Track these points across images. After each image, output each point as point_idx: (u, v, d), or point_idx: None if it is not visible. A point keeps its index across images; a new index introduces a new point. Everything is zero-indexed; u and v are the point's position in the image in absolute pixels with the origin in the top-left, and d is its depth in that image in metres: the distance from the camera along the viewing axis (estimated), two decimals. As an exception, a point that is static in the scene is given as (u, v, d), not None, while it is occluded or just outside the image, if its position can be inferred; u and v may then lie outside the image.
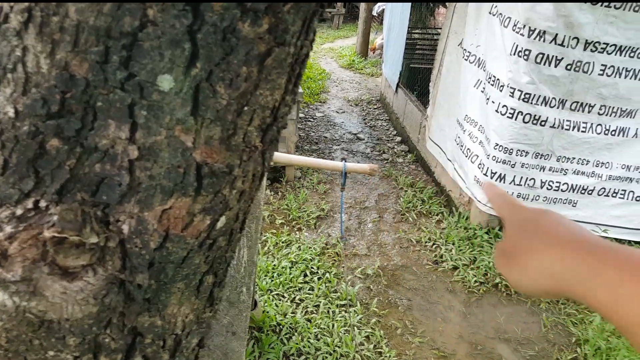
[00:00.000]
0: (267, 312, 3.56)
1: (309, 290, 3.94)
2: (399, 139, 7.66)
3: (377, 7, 14.37)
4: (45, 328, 0.76)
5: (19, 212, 0.69)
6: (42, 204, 0.69)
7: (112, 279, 0.74)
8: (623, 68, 3.93)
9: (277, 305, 3.69)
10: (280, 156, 2.53)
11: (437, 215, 5.25)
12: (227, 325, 2.29)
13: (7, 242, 0.69)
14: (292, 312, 3.67)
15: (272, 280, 3.96)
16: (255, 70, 0.67)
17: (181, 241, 0.76)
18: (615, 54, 3.87)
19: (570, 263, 0.55)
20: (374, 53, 13.62)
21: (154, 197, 0.70)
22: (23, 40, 0.62)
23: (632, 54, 3.87)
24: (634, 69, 3.93)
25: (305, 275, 4.10)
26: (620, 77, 3.97)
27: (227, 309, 2.30)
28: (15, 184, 0.68)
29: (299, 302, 3.81)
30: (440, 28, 7.12)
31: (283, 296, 3.84)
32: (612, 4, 3.66)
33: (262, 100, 0.71)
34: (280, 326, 3.50)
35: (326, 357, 3.30)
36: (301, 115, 8.38)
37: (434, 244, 4.72)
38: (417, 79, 7.97)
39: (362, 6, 13.32)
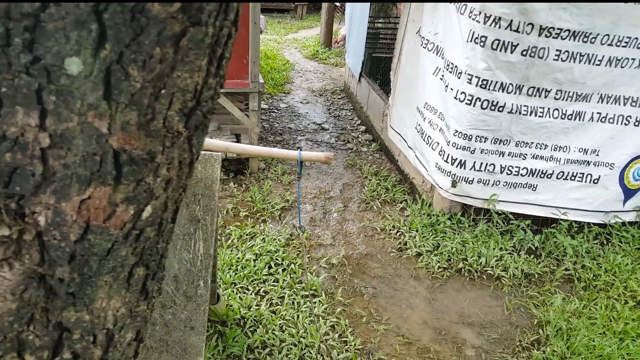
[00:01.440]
0: (231, 305, 3.53)
1: (273, 282, 3.91)
2: (363, 128, 7.68)
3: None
4: (-37, 328, 0.73)
5: None
6: (-50, 197, 0.66)
7: (30, 273, 0.71)
8: (577, 53, 4.00)
9: (241, 299, 3.66)
10: (233, 146, 2.50)
11: (400, 202, 5.28)
12: (185, 320, 2.25)
13: None
14: (257, 305, 3.65)
15: (235, 274, 3.92)
16: (171, 51, 0.64)
17: (104, 232, 0.73)
18: (569, 39, 3.93)
19: None
20: (337, 44, 13.61)
21: (71, 186, 0.67)
22: None
23: (585, 39, 3.94)
24: (588, 54, 4.01)
25: (270, 267, 4.08)
26: (574, 62, 4.04)
27: (185, 303, 2.26)
28: None
29: (263, 294, 3.79)
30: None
31: (247, 289, 3.81)
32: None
33: (181, 83, 0.68)
34: (245, 319, 3.48)
35: (291, 349, 3.29)
36: (265, 106, 8.32)
37: (398, 231, 4.75)
38: (380, 68, 7.98)
39: (325, -4, 13.29)
